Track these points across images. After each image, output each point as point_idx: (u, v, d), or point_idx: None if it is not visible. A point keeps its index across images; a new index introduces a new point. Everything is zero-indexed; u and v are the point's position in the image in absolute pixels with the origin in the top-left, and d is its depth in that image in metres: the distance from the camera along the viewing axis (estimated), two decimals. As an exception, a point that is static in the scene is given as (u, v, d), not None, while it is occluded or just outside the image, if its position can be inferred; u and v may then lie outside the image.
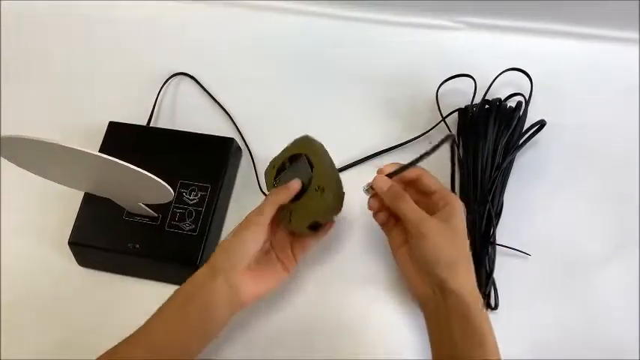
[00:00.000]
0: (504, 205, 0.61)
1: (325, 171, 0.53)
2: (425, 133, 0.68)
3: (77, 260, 0.64)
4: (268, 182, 0.59)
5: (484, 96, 0.66)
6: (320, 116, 0.70)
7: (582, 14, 0.72)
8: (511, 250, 0.61)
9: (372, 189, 0.53)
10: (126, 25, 0.79)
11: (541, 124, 0.64)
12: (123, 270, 0.64)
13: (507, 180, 0.63)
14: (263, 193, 0.66)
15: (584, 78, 0.71)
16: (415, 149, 0.67)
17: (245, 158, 0.69)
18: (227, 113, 0.72)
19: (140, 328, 0.49)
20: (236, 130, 0.70)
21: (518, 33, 0.74)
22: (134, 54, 0.77)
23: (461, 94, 0.68)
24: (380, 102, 0.71)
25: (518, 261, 0.61)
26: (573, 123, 0.67)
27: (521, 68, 0.66)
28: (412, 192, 0.54)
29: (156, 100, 0.72)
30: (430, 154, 0.49)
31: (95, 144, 0.66)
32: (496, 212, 0.60)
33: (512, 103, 0.65)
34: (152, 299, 0.61)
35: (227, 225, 0.66)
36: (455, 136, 0.50)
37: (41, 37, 0.80)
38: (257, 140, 0.70)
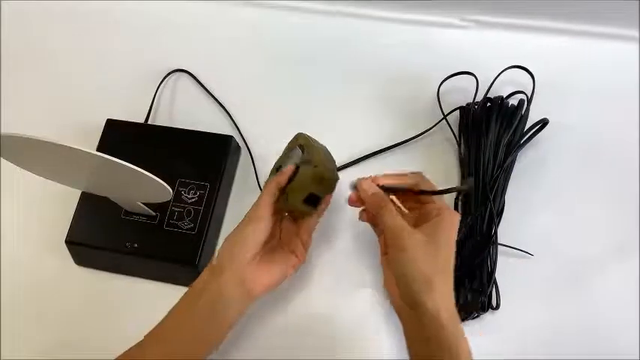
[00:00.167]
0: (506, 205, 0.61)
1: (313, 145, 0.53)
2: (426, 132, 0.67)
3: (74, 259, 0.63)
4: None
5: (486, 94, 0.66)
6: (320, 114, 0.70)
7: (584, 12, 0.71)
8: (513, 250, 0.60)
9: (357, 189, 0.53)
10: (124, 22, 0.79)
11: (543, 123, 0.64)
12: (120, 269, 0.63)
13: (509, 179, 0.62)
14: (259, 197, 0.65)
15: (586, 76, 0.70)
16: (416, 147, 0.67)
17: (244, 156, 0.69)
18: (226, 111, 0.71)
19: (152, 330, 0.49)
20: (235, 128, 0.70)
21: (520, 31, 0.73)
22: (132, 50, 0.77)
23: (462, 92, 0.68)
24: (380, 100, 0.71)
25: (519, 260, 0.61)
26: (576, 121, 0.67)
27: (523, 66, 0.65)
28: (409, 199, 0.53)
29: (154, 98, 0.72)
30: (435, 194, 0.49)
31: (92, 141, 0.66)
32: (498, 211, 0.60)
33: (514, 102, 0.65)
34: (150, 299, 0.62)
35: (226, 224, 0.65)
36: (472, 188, 0.48)
37: (38, 35, 0.79)
38: (256, 138, 0.69)
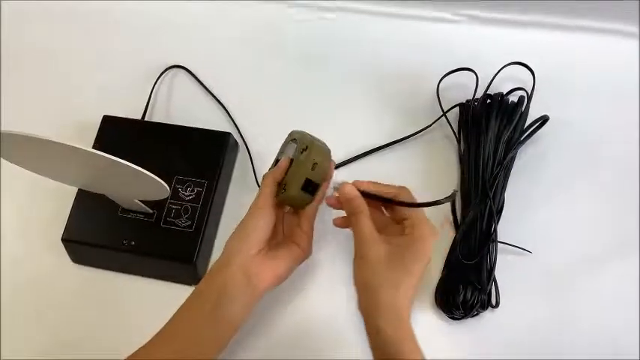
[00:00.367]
0: (506, 202, 0.60)
1: (306, 136, 0.54)
2: (425, 128, 0.67)
3: (71, 257, 0.63)
4: None
5: (486, 90, 0.65)
6: (318, 110, 0.69)
7: (584, 8, 0.71)
8: (512, 247, 0.60)
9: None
10: (121, 19, 0.78)
11: (543, 120, 0.64)
12: (117, 267, 0.63)
13: (509, 176, 0.62)
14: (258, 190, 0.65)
15: (586, 72, 0.70)
16: (416, 144, 0.67)
17: (242, 153, 0.68)
18: (223, 107, 0.71)
19: (160, 330, 0.49)
20: (233, 125, 0.69)
21: (520, 26, 0.73)
22: (129, 47, 0.76)
23: (462, 89, 0.67)
24: (379, 96, 0.70)
25: (519, 258, 0.60)
26: (576, 118, 0.67)
27: (523, 62, 0.65)
28: (390, 211, 0.53)
29: (151, 94, 0.71)
30: (415, 206, 0.49)
31: (89, 138, 0.65)
32: (497, 209, 0.59)
33: (514, 98, 0.64)
34: (147, 296, 0.61)
35: (224, 221, 0.65)
36: (457, 194, 0.48)
37: (36, 33, 0.79)
38: (254, 135, 0.69)
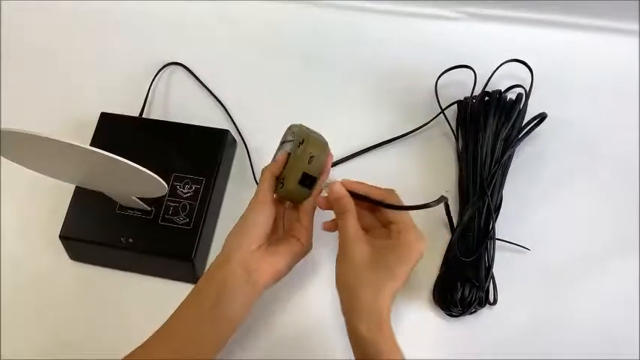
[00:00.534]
0: (503, 199, 0.60)
1: (303, 129, 0.54)
2: (424, 126, 0.67)
3: (69, 254, 0.63)
4: None
5: (484, 88, 0.65)
6: (316, 107, 0.69)
7: (583, 5, 0.71)
8: (510, 245, 0.60)
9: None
10: (119, 17, 0.78)
11: (542, 117, 0.64)
12: (115, 264, 0.63)
13: (507, 174, 0.62)
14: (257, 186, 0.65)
15: (585, 70, 0.70)
16: (414, 141, 0.67)
17: (240, 150, 0.68)
18: (221, 104, 0.70)
19: (158, 329, 0.49)
20: (231, 122, 0.69)
21: (519, 24, 0.73)
22: (127, 44, 0.76)
23: (460, 86, 0.67)
24: (378, 93, 0.70)
25: (517, 255, 0.60)
26: (574, 115, 0.67)
27: (521, 60, 0.65)
28: (377, 213, 0.52)
29: (148, 91, 0.71)
30: (403, 209, 0.48)
31: (87, 135, 0.65)
32: (495, 206, 0.60)
33: (512, 96, 0.64)
34: (145, 294, 0.61)
35: (222, 218, 0.65)
36: (447, 198, 0.48)
37: (35, 31, 0.78)
38: (252, 132, 0.69)
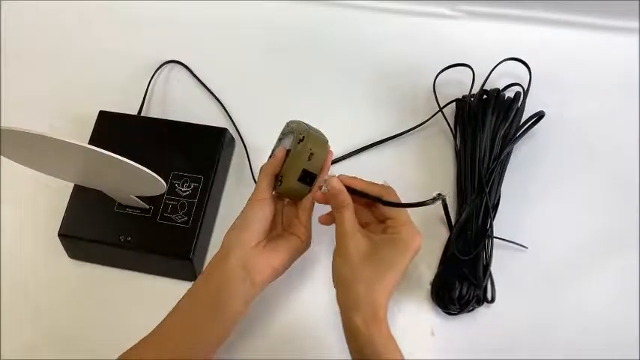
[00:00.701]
0: (502, 198, 0.61)
1: (302, 126, 0.54)
2: (422, 124, 0.67)
3: (67, 253, 0.63)
4: None
5: (482, 86, 0.65)
6: (314, 106, 0.69)
7: (581, 3, 0.70)
8: (508, 243, 0.60)
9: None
10: (117, 14, 0.78)
11: (539, 116, 0.64)
12: (114, 262, 0.63)
13: (505, 172, 0.62)
14: (256, 183, 0.65)
15: (583, 68, 0.70)
16: (412, 140, 0.67)
17: (238, 148, 0.68)
18: (220, 102, 0.70)
19: (160, 324, 0.49)
20: (229, 120, 0.69)
21: (517, 22, 0.73)
22: (125, 42, 0.76)
23: (459, 84, 0.67)
24: (376, 91, 0.70)
25: (515, 254, 0.60)
26: (572, 114, 0.67)
27: (519, 58, 0.65)
28: (373, 209, 0.52)
29: (147, 89, 0.71)
30: (399, 206, 0.48)
31: (85, 134, 0.65)
32: (493, 204, 0.60)
33: (510, 94, 0.64)
34: (144, 292, 0.62)
35: (220, 217, 0.65)
36: (446, 196, 0.48)
37: (34, 28, 0.78)
38: (250, 130, 0.69)
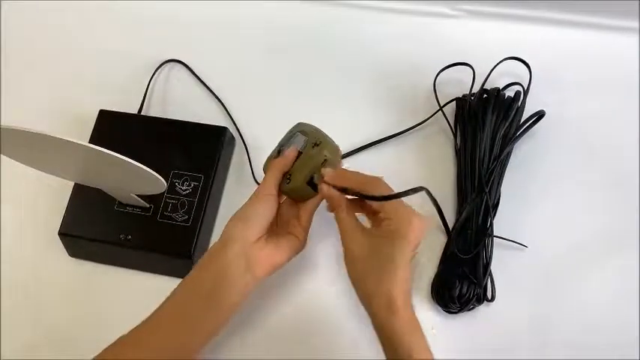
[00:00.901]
0: (502, 197, 0.61)
1: (319, 132, 0.54)
2: (422, 123, 0.67)
3: (68, 251, 0.63)
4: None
5: (482, 85, 0.65)
6: (314, 105, 0.69)
7: (582, 2, 0.70)
8: (508, 242, 0.60)
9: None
10: (117, 13, 0.77)
11: (540, 115, 0.64)
12: (114, 261, 0.63)
13: (505, 171, 0.62)
14: (257, 183, 0.65)
15: (584, 67, 0.70)
16: (412, 138, 0.67)
17: (238, 147, 0.68)
18: (220, 101, 0.70)
19: (155, 310, 0.48)
20: (229, 119, 0.69)
21: (517, 21, 0.73)
22: (125, 41, 0.76)
23: (459, 83, 0.67)
24: (376, 90, 0.70)
25: (515, 253, 0.60)
26: (572, 113, 0.67)
27: (520, 57, 0.65)
28: (365, 204, 0.52)
29: (147, 88, 0.71)
30: (387, 199, 0.47)
31: (86, 133, 0.65)
32: (493, 204, 0.60)
33: (510, 93, 0.64)
34: (144, 291, 0.61)
35: (220, 215, 0.65)
36: (427, 188, 0.48)
37: (33, 28, 0.78)
38: (251, 129, 0.69)
